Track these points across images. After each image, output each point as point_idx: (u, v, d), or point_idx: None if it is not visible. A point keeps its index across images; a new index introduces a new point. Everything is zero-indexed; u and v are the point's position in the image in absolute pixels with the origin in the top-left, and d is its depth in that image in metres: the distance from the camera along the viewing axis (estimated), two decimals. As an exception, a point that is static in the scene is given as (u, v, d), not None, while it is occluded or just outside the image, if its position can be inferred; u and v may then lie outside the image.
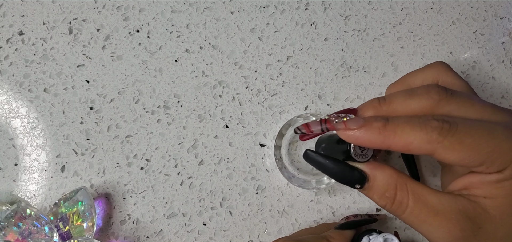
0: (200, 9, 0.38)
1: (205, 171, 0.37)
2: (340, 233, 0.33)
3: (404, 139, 0.25)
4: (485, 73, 0.41)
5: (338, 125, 0.27)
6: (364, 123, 0.26)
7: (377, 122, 0.26)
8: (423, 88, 0.28)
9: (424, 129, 0.25)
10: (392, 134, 0.26)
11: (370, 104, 0.29)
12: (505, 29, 0.42)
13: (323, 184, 0.36)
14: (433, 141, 0.25)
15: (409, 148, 0.26)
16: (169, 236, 0.36)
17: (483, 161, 0.25)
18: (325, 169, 0.28)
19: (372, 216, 0.36)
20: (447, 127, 0.25)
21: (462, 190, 0.27)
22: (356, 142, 0.27)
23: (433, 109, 0.27)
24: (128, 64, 0.37)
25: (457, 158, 0.25)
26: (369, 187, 0.27)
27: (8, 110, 0.36)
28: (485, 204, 0.26)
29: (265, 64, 0.38)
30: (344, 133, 0.27)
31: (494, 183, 0.25)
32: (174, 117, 0.37)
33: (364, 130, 0.26)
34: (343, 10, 0.40)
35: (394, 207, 0.27)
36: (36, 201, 0.35)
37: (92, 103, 0.36)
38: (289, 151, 0.38)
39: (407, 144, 0.25)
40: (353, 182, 0.28)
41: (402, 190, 0.27)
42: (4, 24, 0.36)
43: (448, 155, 0.25)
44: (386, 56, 0.40)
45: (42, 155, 0.36)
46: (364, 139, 0.26)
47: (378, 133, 0.26)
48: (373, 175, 0.27)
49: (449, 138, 0.25)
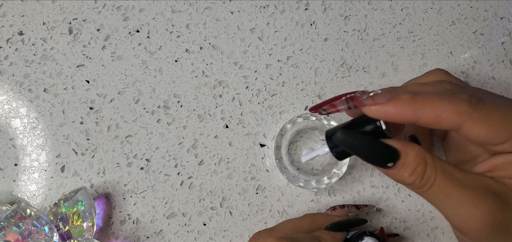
0: (200, 9, 0.38)
1: (205, 171, 0.37)
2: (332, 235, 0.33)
3: (434, 110, 0.25)
4: (485, 73, 0.41)
5: (365, 100, 0.26)
6: (392, 96, 0.25)
7: (405, 94, 0.25)
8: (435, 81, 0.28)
9: (454, 101, 0.25)
10: (422, 105, 0.25)
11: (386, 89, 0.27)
12: (505, 29, 0.42)
13: (323, 184, 0.36)
14: (463, 112, 0.24)
15: (439, 120, 0.25)
16: (169, 236, 0.36)
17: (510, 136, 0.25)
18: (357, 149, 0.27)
19: (360, 207, 0.36)
20: (475, 100, 0.25)
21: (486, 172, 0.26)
22: (384, 116, 0.26)
23: None
24: (128, 64, 0.37)
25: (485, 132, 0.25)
26: (401, 164, 0.26)
27: (8, 110, 0.36)
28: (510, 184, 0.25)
29: (265, 64, 0.38)
30: (371, 108, 0.26)
31: None
32: (174, 117, 0.37)
33: (393, 103, 0.25)
34: (343, 10, 0.40)
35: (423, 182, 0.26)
36: (36, 201, 0.35)
37: (92, 103, 0.36)
38: (289, 151, 0.38)
39: (437, 116, 0.25)
40: (386, 160, 0.26)
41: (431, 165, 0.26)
42: (4, 24, 0.36)
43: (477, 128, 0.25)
44: (386, 56, 0.40)
45: (42, 155, 0.36)
46: (393, 112, 0.25)
47: (408, 104, 0.25)
48: (404, 151, 0.26)
49: (478, 110, 0.24)
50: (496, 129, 0.25)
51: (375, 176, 0.38)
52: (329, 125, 0.36)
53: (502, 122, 0.25)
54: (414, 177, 0.26)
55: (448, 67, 0.40)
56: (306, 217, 0.35)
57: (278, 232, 0.33)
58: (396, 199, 0.38)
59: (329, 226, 0.34)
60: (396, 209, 0.38)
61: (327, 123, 0.36)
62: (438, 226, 0.38)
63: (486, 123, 0.25)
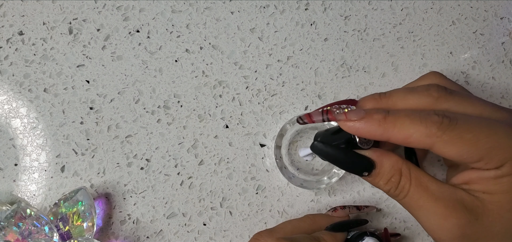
0: (200, 9, 0.38)
1: (205, 171, 0.37)
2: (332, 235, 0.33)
3: (403, 131, 0.26)
4: (485, 73, 0.41)
5: (339, 115, 0.27)
6: (365, 114, 0.27)
7: (377, 114, 0.26)
8: (423, 86, 0.28)
9: (424, 123, 0.25)
10: (392, 126, 0.26)
11: (371, 97, 0.29)
12: (505, 29, 0.42)
13: (323, 184, 0.36)
14: (432, 135, 0.25)
15: (408, 141, 0.26)
16: (169, 236, 0.36)
17: (482, 156, 0.25)
18: (334, 159, 0.29)
19: (360, 208, 0.36)
20: (447, 121, 0.25)
21: (462, 185, 0.27)
22: (356, 132, 0.27)
23: (432, 106, 0.27)
24: (128, 64, 0.37)
25: (455, 153, 0.25)
26: (376, 174, 0.28)
27: (8, 110, 0.36)
28: (483, 198, 0.26)
29: (265, 64, 0.38)
30: (345, 123, 0.27)
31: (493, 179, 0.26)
32: (174, 117, 0.37)
33: (365, 121, 0.26)
34: (343, 10, 0.40)
35: (398, 191, 0.27)
36: (36, 201, 0.35)
37: (92, 103, 0.36)
38: (289, 151, 0.38)
39: (407, 137, 0.26)
40: (361, 169, 0.28)
41: (405, 176, 0.27)
42: (4, 24, 0.36)
43: (447, 150, 0.25)
44: (386, 56, 0.40)
45: (42, 155, 0.36)
46: (364, 130, 0.27)
47: (378, 125, 0.26)
48: (380, 161, 0.28)
49: (449, 132, 0.25)
50: (467, 150, 0.25)
51: (375, 176, 0.38)
52: (329, 125, 0.36)
53: (473, 143, 0.25)
54: (389, 186, 0.28)
55: (448, 67, 0.40)
56: (306, 218, 0.35)
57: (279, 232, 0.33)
58: (396, 199, 0.38)
59: (330, 227, 0.34)
60: (396, 209, 0.38)
61: (327, 123, 0.36)
62: (438, 226, 0.39)
63: (456, 145, 0.25)
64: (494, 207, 0.26)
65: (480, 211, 0.26)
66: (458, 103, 0.27)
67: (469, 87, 0.41)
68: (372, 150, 0.28)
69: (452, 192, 0.27)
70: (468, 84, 0.41)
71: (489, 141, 0.25)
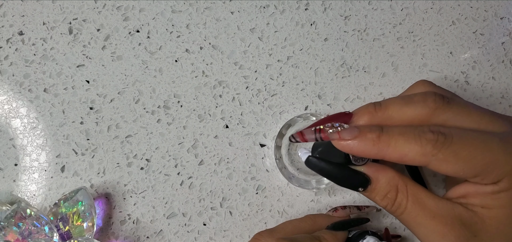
0: (200, 9, 0.38)
1: (205, 171, 0.37)
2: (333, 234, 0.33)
3: (398, 151, 0.25)
4: (485, 73, 0.41)
5: (332, 135, 0.27)
6: (358, 133, 0.26)
7: (371, 133, 0.26)
8: (420, 96, 0.28)
9: (419, 141, 0.25)
10: (386, 146, 0.26)
11: (366, 110, 0.28)
12: (505, 29, 0.42)
13: (323, 184, 0.36)
14: (427, 153, 0.25)
15: (404, 159, 0.26)
16: (169, 236, 0.36)
17: (478, 172, 0.25)
18: (328, 174, 0.28)
19: (361, 208, 0.36)
20: (442, 139, 0.25)
21: (459, 198, 0.27)
22: (350, 151, 0.27)
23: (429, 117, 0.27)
24: (128, 64, 0.37)
25: (451, 170, 0.25)
26: (372, 189, 0.28)
27: (8, 110, 0.36)
28: (481, 213, 0.26)
29: (265, 64, 0.38)
30: (338, 143, 0.27)
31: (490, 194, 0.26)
32: (174, 118, 0.37)
33: (358, 141, 0.26)
34: (343, 10, 0.40)
35: (394, 208, 0.27)
36: (36, 201, 0.35)
37: (92, 103, 0.36)
38: (289, 151, 0.38)
39: (402, 156, 0.25)
40: (356, 185, 0.28)
41: (402, 192, 0.27)
42: (4, 24, 0.36)
43: (443, 167, 0.25)
44: (386, 56, 0.40)
45: (42, 155, 0.36)
46: (358, 149, 0.26)
47: (372, 145, 0.26)
48: (375, 177, 0.27)
49: (444, 150, 0.25)
50: (462, 167, 0.25)
51: (375, 176, 0.38)
52: None
53: (468, 160, 0.25)
54: (385, 202, 0.27)
55: (448, 67, 0.40)
56: (307, 218, 0.35)
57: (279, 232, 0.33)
58: (396, 199, 0.38)
59: (330, 226, 0.34)
60: (396, 209, 0.38)
61: None
62: (438, 226, 0.39)
63: (451, 162, 0.25)
64: (493, 223, 0.26)
65: (478, 227, 0.26)
66: (455, 114, 0.27)
67: (469, 87, 0.41)
68: (368, 165, 0.28)
69: (450, 208, 0.26)
70: (468, 84, 0.41)
71: (484, 157, 0.25)
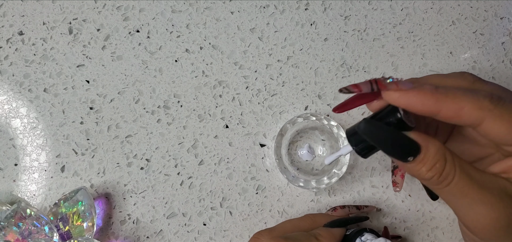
0: (200, 9, 0.38)
1: (205, 171, 0.37)
2: (329, 231, 0.32)
3: (456, 103, 0.25)
4: (485, 73, 0.41)
5: (390, 85, 0.26)
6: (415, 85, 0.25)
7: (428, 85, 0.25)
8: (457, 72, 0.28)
9: (476, 95, 0.25)
10: (444, 97, 0.25)
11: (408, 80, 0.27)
12: (505, 29, 0.42)
13: (323, 184, 0.36)
14: (485, 107, 0.24)
15: (460, 113, 0.25)
16: (169, 236, 0.36)
17: None
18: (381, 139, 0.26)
19: (360, 208, 0.36)
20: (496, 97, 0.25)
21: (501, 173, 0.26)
22: (406, 103, 0.25)
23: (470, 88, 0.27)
24: (128, 64, 0.37)
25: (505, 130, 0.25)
26: (420, 159, 0.26)
27: (8, 110, 0.36)
28: None
29: (265, 64, 0.38)
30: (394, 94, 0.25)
31: None
32: (174, 117, 0.37)
33: (417, 92, 0.25)
34: (343, 10, 0.40)
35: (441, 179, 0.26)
36: (36, 201, 0.35)
37: (92, 103, 0.36)
38: (289, 151, 0.38)
39: (459, 109, 0.25)
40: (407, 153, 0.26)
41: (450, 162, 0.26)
42: (4, 24, 0.36)
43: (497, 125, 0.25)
44: (386, 56, 0.40)
45: (42, 155, 0.36)
46: (415, 100, 0.25)
47: (431, 95, 0.25)
48: (425, 146, 0.25)
49: (499, 107, 0.24)
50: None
51: (375, 176, 0.38)
52: (329, 125, 0.36)
53: None
54: (433, 173, 0.26)
55: (448, 67, 0.40)
56: (306, 217, 0.35)
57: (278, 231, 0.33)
58: (396, 199, 0.38)
59: (327, 224, 0.34)
60: (396, 209, 0.38)
61: (327, 123, 0.36)
62: (438, 226, 0.39)
63: (507, 120, 0.24)
64: None
65: None
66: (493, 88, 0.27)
67: (469, 87, 0.41)
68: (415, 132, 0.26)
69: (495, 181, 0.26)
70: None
71: None
